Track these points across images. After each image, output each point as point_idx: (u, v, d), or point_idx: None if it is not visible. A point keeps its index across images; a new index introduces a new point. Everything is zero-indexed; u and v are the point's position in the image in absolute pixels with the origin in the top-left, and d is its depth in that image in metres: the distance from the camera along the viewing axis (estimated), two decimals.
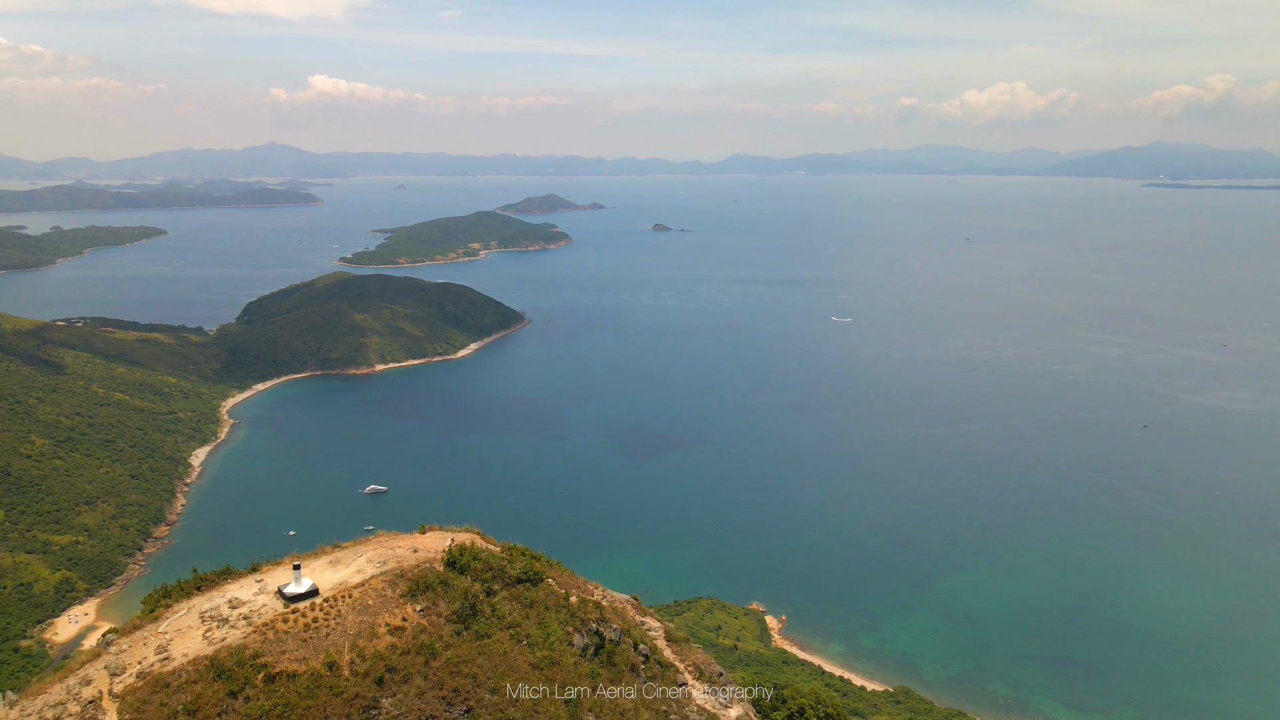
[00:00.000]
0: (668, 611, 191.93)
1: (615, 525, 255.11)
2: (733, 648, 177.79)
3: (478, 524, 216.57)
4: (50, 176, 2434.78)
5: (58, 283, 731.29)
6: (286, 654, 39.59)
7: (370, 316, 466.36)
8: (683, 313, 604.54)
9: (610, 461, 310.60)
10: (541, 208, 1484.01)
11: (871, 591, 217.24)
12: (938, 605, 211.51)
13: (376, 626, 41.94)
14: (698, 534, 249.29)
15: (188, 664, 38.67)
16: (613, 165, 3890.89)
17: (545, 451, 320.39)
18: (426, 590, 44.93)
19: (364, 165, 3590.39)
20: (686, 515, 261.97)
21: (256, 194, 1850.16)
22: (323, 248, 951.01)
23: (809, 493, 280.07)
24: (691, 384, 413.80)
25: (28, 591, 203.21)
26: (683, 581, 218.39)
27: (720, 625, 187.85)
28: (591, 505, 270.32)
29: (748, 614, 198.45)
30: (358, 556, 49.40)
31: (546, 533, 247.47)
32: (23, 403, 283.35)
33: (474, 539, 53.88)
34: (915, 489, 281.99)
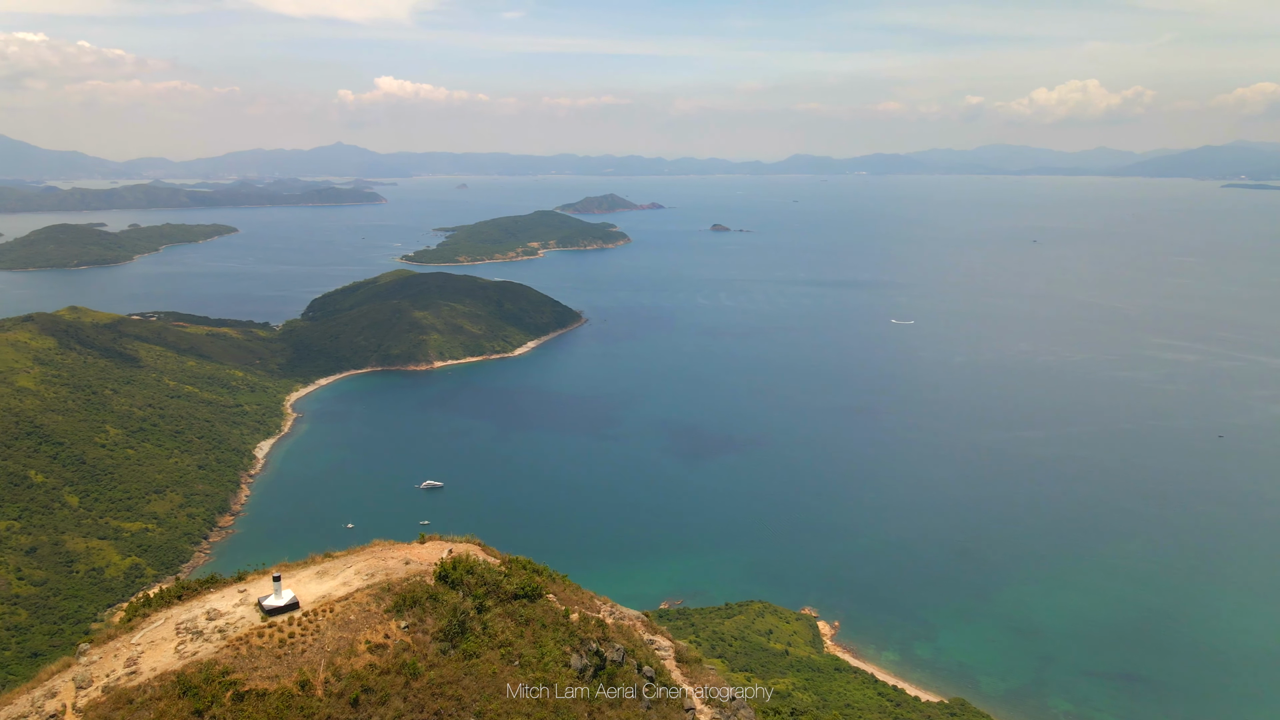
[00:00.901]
0: (718, 614, 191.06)
1: (667, 526, 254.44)
2: (784, 653, 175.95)
3: (528, 521, 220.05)
4: (130, 176, 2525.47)
5: (134, 278, 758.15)
6: (259, 671, 37.56)
7: (430, 314, 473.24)
8: (740, 313, 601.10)
9: (664, 462, 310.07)
10: (600, 207, 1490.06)
11: (927, 600, 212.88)
12: (996, 616, 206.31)
13: (356, 644, 39.78)
14: (750, 537, 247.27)
15: (154, 679, 36.71)
16: (672, 165, 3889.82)
17: (600, 450, 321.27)
18: (414, 606, 42.59)
19: (427, 165, 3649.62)
20: (739, 517, 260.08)
21: (323, 193, 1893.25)
22: (385, 246, 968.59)
23: (864, 497, 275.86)
24: (747, 385, 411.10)
25: (99, 576, 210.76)
26: (734, 584, 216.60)
27: (771, 630, 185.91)
28: (644, 505, 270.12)
29: (799, 619, 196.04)
30: (347, 567, 47.21)
31: (598, 532, 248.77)
32: (99, 394, 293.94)
33: (473, 551, 51.32)
34: (974, 496, 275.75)
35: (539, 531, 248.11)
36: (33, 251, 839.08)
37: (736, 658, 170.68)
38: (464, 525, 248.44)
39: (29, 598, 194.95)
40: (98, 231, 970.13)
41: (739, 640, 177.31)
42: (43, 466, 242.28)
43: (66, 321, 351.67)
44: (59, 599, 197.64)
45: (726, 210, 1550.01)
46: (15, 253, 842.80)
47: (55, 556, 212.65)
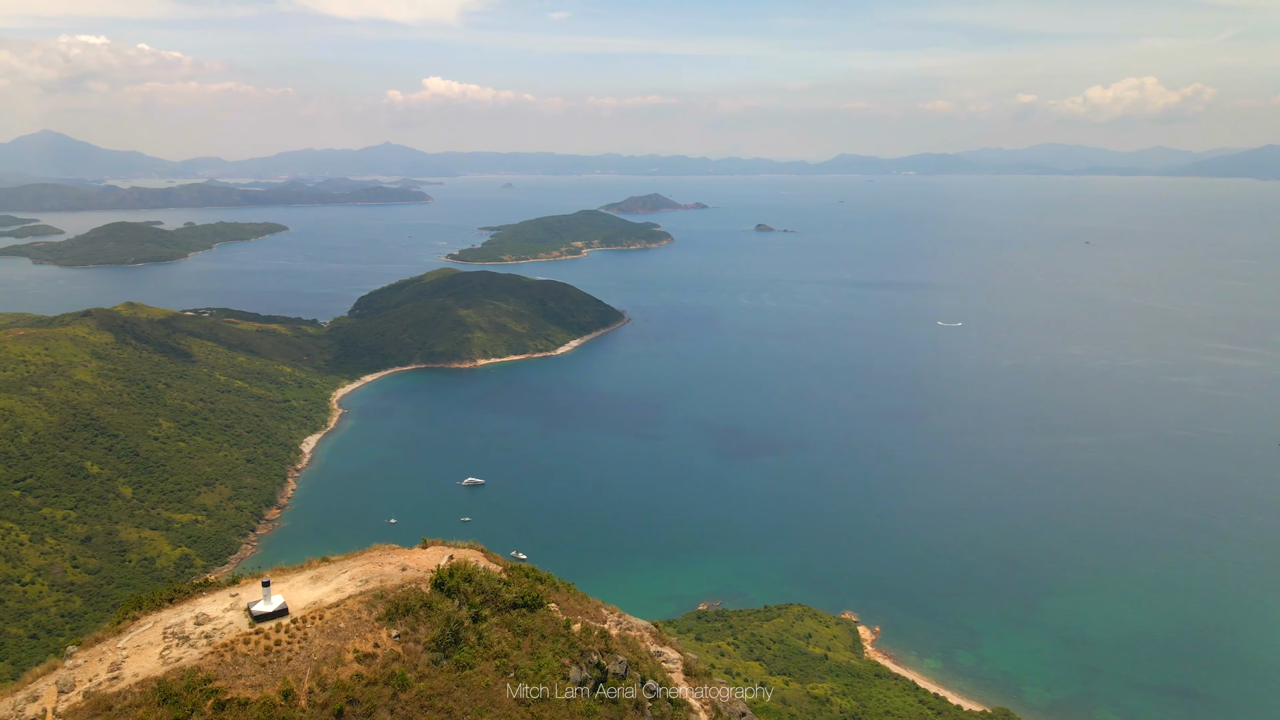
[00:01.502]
0: (757, 616, 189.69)
1: (707, 527, 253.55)
2: (823, 657, 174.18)
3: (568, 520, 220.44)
4: (186, 175, 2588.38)
5: (189, 275, 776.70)
6: (242, 679, 36.47)
7: (474, 312, 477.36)
8: (783, 314, 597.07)
9: (705, 462, 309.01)
10: (644, 207, 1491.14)
11: (972, 607, 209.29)
12: (1043, 625, 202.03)
13: (344, 653, 38.45)
14: (791, 539, 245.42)
15: (135, 685, 35.70)
16: (717, 165, 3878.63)
17: (641, 450, 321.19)
18: (406, 614, 41.17)
19: (474, 164, 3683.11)
20: (780, 520, 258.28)
21: (372, 192, 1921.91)
22: (431, 245, 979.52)
23: (907, 502, 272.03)
24: (790, 387, 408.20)
25: (150, 566, 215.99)
26: (773, 587, 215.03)
27: (810, 634, 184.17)
28: (684, 506, 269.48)
29: (839, 623, 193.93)
30: (342, 573, 45.83)
31: (638, 531, 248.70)
32: (152, 388, 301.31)
33: (475, 557, 49.89)
34: (1021, 503, 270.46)
35: (578, 530, 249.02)
36: (93, 249, 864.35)
37: (775, 661, 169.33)
38: (504, 522, 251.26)
39: (83, 585, 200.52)
40: (154, 230, 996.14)
41: (778, 643, 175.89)
42: (98, 458, 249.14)
43: (123, 317, 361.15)
44: (112, 587, 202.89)
45: (771, 210, 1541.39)
46: (76, 250, 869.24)
47: (109, 546, 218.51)
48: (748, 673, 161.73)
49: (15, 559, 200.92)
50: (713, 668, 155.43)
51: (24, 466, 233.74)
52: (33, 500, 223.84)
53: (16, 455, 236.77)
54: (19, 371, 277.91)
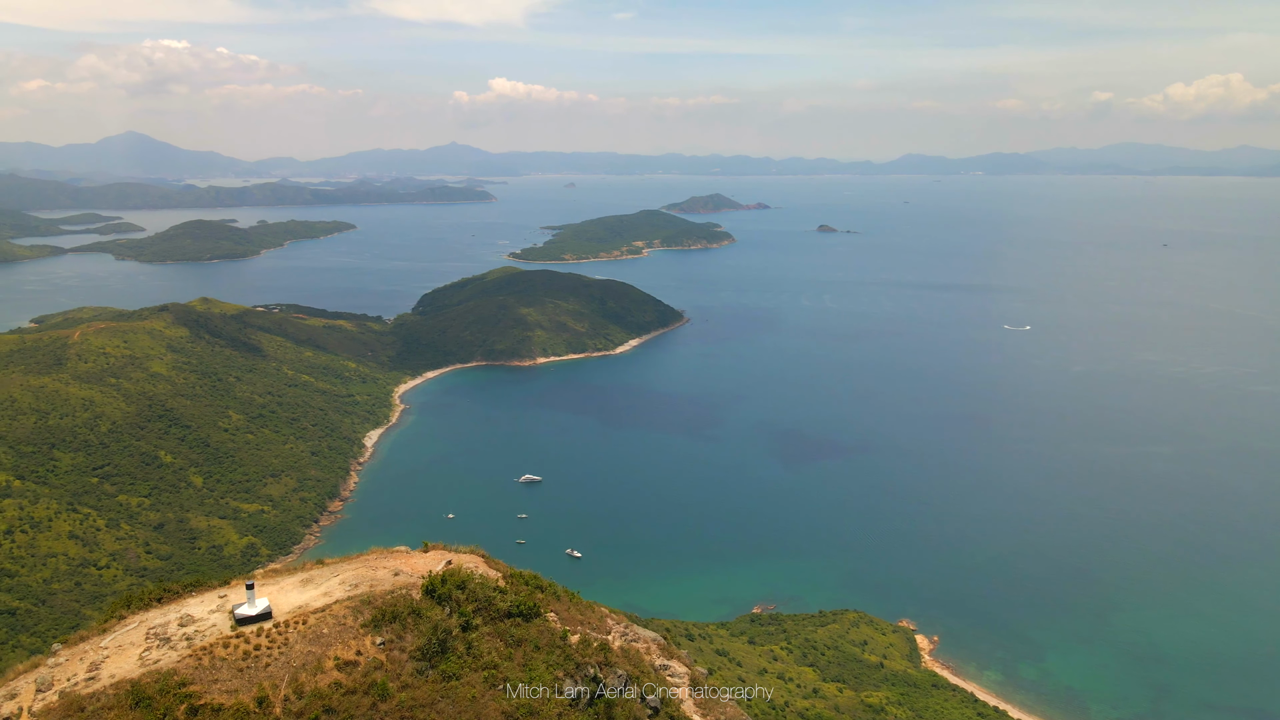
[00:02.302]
0: (812, 621, 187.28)
1: (763, 529, 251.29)
2: (878, 665, 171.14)
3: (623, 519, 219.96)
4: (260, 175, 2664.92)
5: (260, 272, 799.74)
6: (218, 684, 35.54)
7: (535, 311, 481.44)
8: (844, 316, 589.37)
9: (763, 465, 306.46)
10: (706, 207, 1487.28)
11: (1036, 619, 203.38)
12: (1112, 640, 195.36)
13: (325, 659, 37.20)
14: (848, 544, 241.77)
15: (110, 687, 35.03)
16: (780, 165, 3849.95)
17: (699, 451, 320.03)
18: (393, 621, 39.67)
19: (537, 164, 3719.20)
20: (837, 524, 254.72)
21: (437, 191, 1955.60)
22: (494, 244, 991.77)
23: (970, 510, 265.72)
24: (851, 390, 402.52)
25: (219, 553, 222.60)
26: (829, 592, 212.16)
27: (866, 641, 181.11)
28: (741, 507, 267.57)
29: (896, 631, 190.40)
30: (333, 576, 44.75)
31: (693, 532, 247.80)
32: (224, 381, 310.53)
33: (474, 563, 48.27)
34: (1091, 514, 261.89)
35: (634, 530, 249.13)
36: (171, 246, 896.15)
37: (829, 667, 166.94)
38: (560, 520, 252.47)
39: (155, 570, 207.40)
40: (229, 227, 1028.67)
41: (832, 649, 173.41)
42: (171, 448, 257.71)
43: (198, 312, 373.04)
44: (182, 573, 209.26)
45: (833, 211, 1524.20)
46: (156, 247, 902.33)
47: (180, 533, 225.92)
48: (800, 678, 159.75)
49: (92, 543, 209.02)
50: (763, 672, 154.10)
51: (102, 455, 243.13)
52: (109, 487, 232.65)
53: (96, 444, 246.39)
54: (99, 363, 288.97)
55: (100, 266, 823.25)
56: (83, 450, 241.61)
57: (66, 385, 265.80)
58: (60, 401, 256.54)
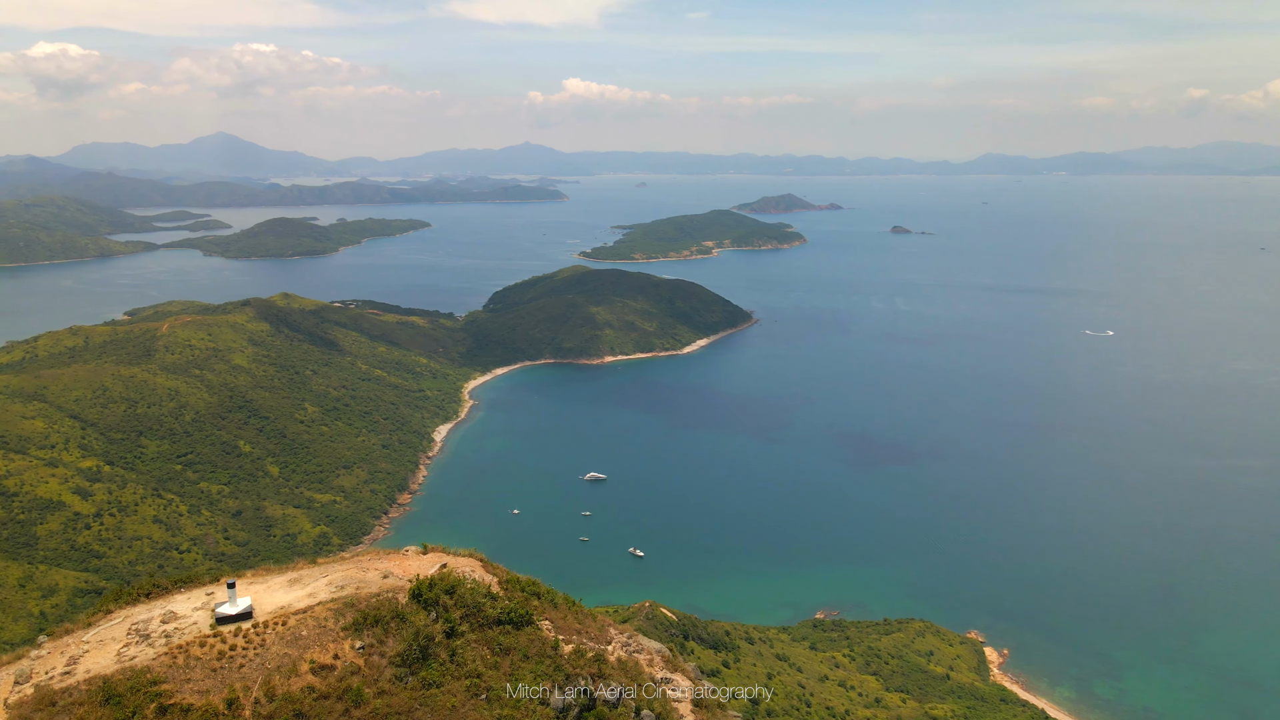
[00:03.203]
0: (876, 629, 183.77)
1: (829, 533, 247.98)
2: (945, 677, 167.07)
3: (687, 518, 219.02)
4: (340, 174, 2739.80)
5: (339, 268, 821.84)
6: (191, 684, 34.85)
7: (604, 310, 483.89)
8: (917, 319, 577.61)
9: (830, 468, 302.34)
10: (777, 207, 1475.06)
11: (1113, 636, 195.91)
12: (1196, 661, 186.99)
13: (300, 662, 36.20)
14: (916, 552, 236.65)
15: (83, 682, 34.58)
16: (854, 165, 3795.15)
17: (766, 452, 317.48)
18: (375, 625, 38.48)
19: (609, 163, 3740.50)
20: (905, 531, 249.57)
21: (510, 190, 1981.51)
22: (564, 242, 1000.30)
23: (1045, 521, 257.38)
24: (922, 394, 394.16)
25: (292, 541, 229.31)
26: (894, 600, 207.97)
27: (932, 651, 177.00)
28: (807, 511, 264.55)
29: (964, 643, 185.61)
30: (321, 577, 43.57)
31: (757, 533, 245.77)
32: (301, 374, 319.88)
33: (470, 567, 46.59)
34: (1176, 528, 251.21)
35: (697, 530, 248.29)
36: (255, 243, 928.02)
37: (893, 677, 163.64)
38: (623, 519, 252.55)
39: (232, 556, 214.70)
40: (310, 225, 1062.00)
41: (896, 659, 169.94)
42: (250, 438, 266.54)
43: (278, 307, 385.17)
44: (258, 559, 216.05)
45: (908, 211, 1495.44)
46: (241, 243, 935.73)
47: (256, 520, 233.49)
48: (863, 687, 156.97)
49: (175, 528, 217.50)
50: (824, 679, 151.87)
51: (186, 443, 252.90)
52: (192, 474, 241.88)
53: (180, 432, 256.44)
54: (185, 355, 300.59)
55: (189, 262, 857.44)
56: (168, 438, 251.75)
57: (154, 376, 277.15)
58: (148, 391, 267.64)
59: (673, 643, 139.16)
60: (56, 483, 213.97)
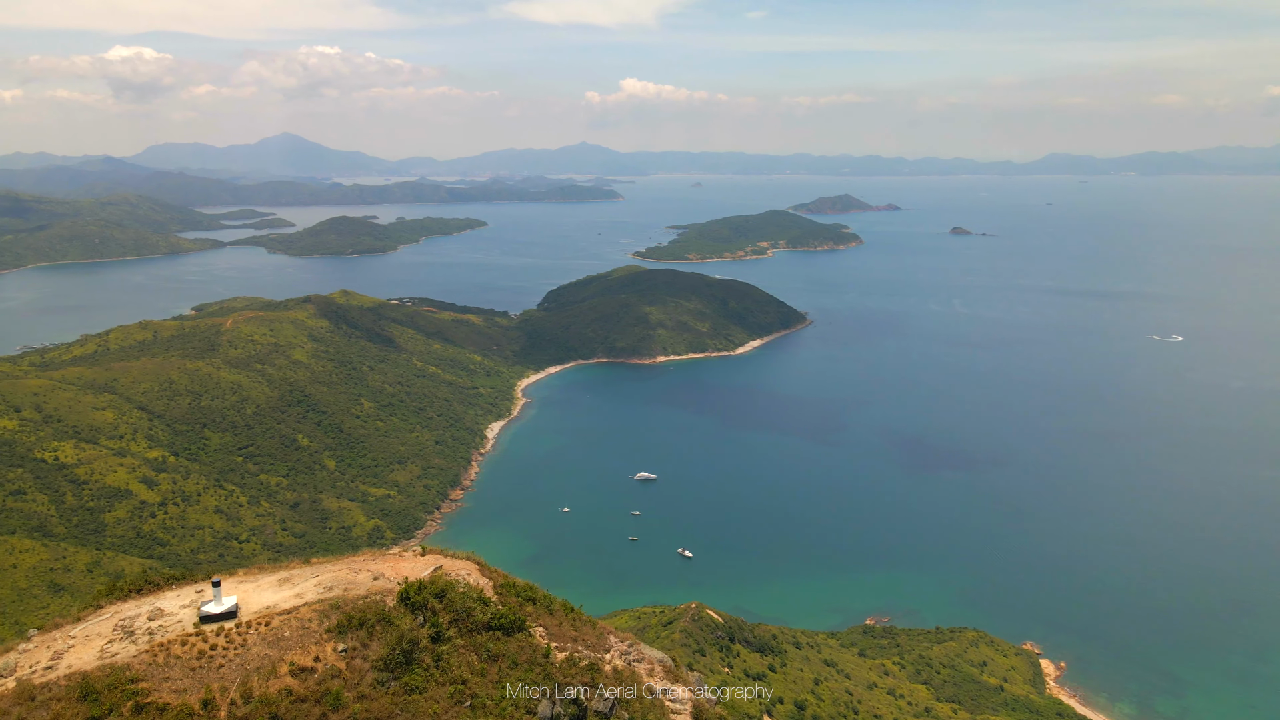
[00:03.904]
0: (927, 637, 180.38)
1: (881, 538, 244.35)
2: (998, 688, 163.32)
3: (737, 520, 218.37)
4: (400, 173, 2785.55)
5: (397, 266, 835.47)
6: (169, 683, 34.44)
7: (657, 309, 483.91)
8: (976, 322, 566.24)
9: (884, 472, 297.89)
10: (834, 208, 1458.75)
11: (1179, 652, 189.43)
12: (1266, 679, 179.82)
13: (280, 664, 35.64)
14: (971, 560, 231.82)
15: (64, 677, 34.30)
16: (913, 165, 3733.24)
17: (820, 455, 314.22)
18: (359, 628, 37.66)
19: (665, 164, 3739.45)
20: (960, 538, 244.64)
21: (566, 190, 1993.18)
22: (618, 242, 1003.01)
23: (1109, 531, 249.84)
24: (981, 399, 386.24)
25: (347, 534, 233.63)
26: (947, 608, 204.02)
27: (986, 662, 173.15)
28: (859, 515, 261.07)
29: (1019, 654, 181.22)
30: (311, 577, 42.90)
31: (808, 537, 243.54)
32: (358, 370, 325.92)
33: (465, 571, 45.37)
34: (1246, 542, 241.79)
35: (748, 532, 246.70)
36: (317, 241, 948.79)
37: (944, 687, 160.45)
38: (673, 519, 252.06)
39: (289, 547, 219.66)
40: (370, 224, 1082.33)
41: (948, 669, 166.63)
42: (309, 432, 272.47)
43: (337, 304, 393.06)
44: (314, 551, 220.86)
45: (969, 212, 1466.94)
46: (303, 241, 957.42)
47: (313, 512, 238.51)
48: (913, 696, 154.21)
49: (235, 518, 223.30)
50: (873, 686, 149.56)
51: (247, 435, 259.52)
52: (252, 466, 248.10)
53: (241, 425, 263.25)
54: (247, 350, 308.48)
55: (253, 259, 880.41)
56: (229, 430, 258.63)
57: (218, 369, 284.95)
58: (212, 384, 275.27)
59: (718, 645, 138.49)
60: (124, 472, 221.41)
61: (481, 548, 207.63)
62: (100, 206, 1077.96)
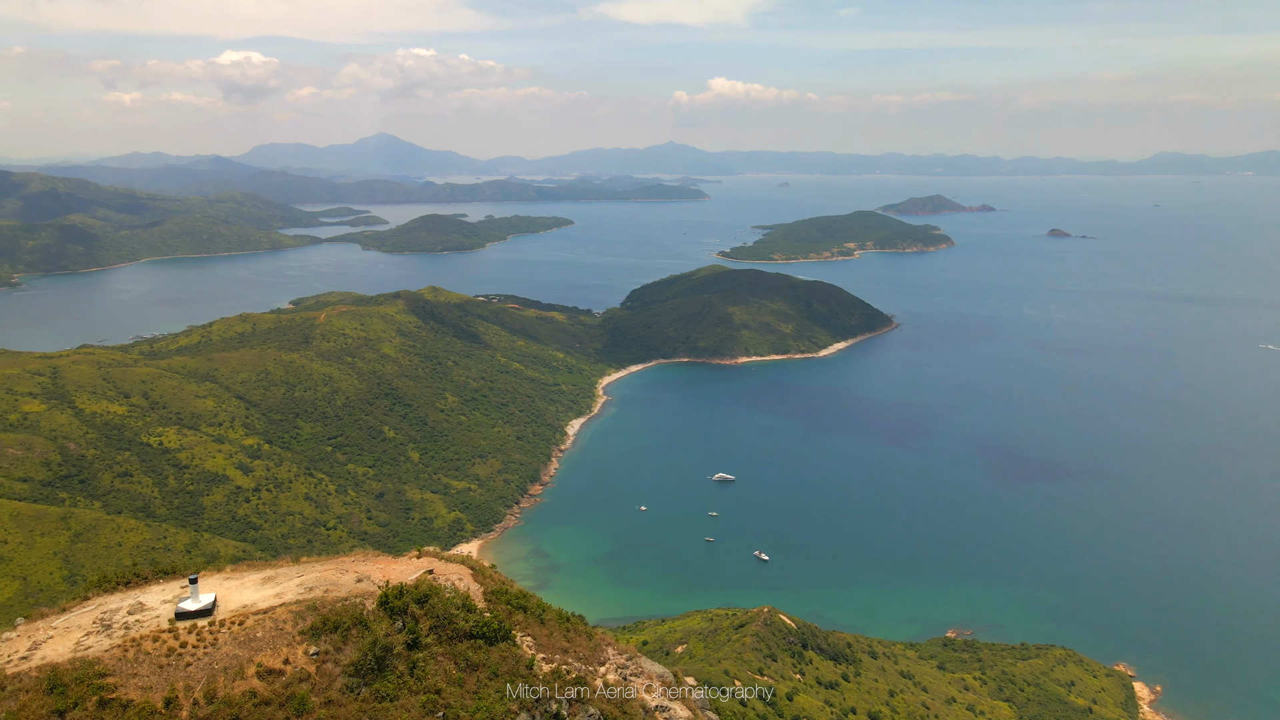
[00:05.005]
0: (1011, 653, 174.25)
1: (965, 548, 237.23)
2: (1087, 710, 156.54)
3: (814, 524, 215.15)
4: (490, 172, 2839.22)
5: (484, 263, 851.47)
6: (136, 679, 33.84)
7: (741, 310, 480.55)
8: (1073, 327, 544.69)
9: (971, 480, 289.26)
10: (925, 209, 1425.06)
11: None
12: None
13: (248, 665, 34.67)
14: (1060, 575, 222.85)
15: (35, 668, 33.98)
16: (1010, 165, 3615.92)
17: (903, 461, 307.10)
18: (334, 630, 36.42)
19: (752, 163, 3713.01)
20: (1051, 552, 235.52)
21: (652, 189, 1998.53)
22: (703, 242, 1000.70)
23: (1212, 551, 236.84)
24: (1078, 408, 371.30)
25: (429, 525, 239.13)
26: (1034, 624, 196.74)
27: (1073, 682, 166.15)
28: (943, 523, 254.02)
29: (1110, 675, 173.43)
30: (296, 576, 41.84)
31: (889, 544, 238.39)
32: (443, 364, 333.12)
33: (456, 575, 43.63)
34: None
35: (826, 536, 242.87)
36: (409, 238, 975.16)
37: (1027, 705, 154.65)
38: (750, 521, 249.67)
39: (374, 535, 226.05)
40: (460, 221, 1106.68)
41: (1032, 686, 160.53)
42: (395, 424, 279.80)
43: (426, 300, 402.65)
44: (396, 540, 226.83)
45: (1068, 213, 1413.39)
46: (396, 239, 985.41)
47: (397, 503, 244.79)
48: (994, 713, 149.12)
49: (323, 506, 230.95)
50: (951, 701, 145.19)
51: (336, 426, 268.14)
52: (340, 456, 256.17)
53: (331, 416, 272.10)
54: (339, 343, 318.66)
55: (348, 255, 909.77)
56: (320, 421, 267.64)
57: (311, 361, 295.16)
58: (305, 376, 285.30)
59: (789, 651, 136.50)
60: (222, 458, 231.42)
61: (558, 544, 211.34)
62: (209, 204, 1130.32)
